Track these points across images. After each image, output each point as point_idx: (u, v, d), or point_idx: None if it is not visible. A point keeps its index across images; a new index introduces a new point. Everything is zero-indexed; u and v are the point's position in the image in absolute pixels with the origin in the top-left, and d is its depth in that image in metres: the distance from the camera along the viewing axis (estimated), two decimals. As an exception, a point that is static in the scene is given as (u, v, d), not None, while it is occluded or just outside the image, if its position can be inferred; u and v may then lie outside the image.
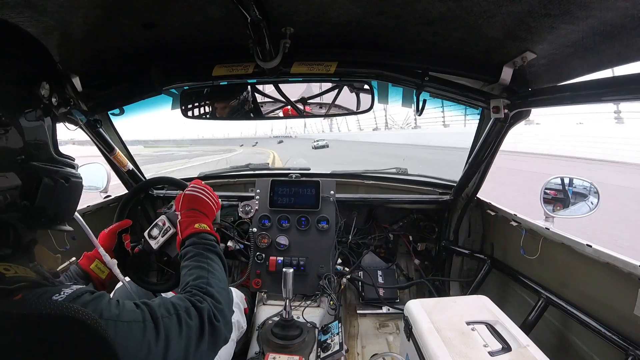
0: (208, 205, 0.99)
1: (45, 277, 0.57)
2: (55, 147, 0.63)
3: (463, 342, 0.99)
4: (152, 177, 1.43)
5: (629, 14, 0.70)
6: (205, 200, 0.99)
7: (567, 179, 1.45)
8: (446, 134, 18.82)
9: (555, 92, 1.04)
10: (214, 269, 0.79)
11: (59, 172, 0.61)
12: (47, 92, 0.60)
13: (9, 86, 0.54)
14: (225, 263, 0.86)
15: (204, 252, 0.83)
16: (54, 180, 0.59)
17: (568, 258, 1.27)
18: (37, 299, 0.49)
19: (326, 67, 1.17)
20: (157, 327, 0.57)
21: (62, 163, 0.64)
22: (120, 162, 1.68)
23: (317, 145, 18.07)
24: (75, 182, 0.65)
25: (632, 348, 0.99)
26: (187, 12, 0.88)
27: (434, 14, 0.86)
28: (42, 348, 0.44)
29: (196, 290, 0.71)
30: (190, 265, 0.79)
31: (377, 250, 2.09)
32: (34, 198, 0.55)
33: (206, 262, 0.80)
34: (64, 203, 0.63)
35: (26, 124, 0.55)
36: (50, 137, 0.61)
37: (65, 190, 0.62)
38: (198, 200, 0.98)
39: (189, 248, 0.84)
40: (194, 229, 0.89)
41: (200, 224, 0.90)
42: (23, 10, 0.75)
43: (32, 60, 0.60)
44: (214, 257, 0.83)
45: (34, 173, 0.56)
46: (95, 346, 0.48)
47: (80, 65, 1.14)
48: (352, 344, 1.74)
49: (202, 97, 1.45)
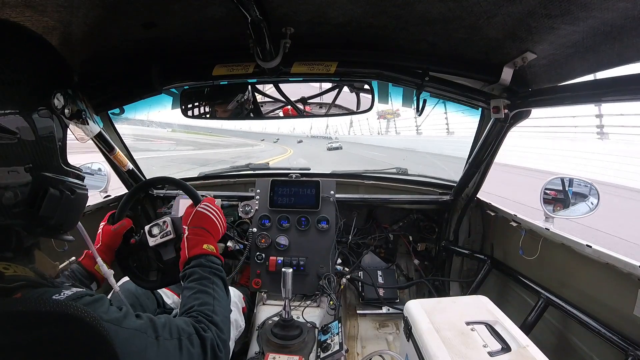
0: (217, 227, 0.98)
1: (45, 278, 0.57)
2: (63, 158, 0.63)
3: (462, 343, 0.99)
4: (162, 177, 1.37)
5: (630, 14, 0.70)
6: (215, 223, 0.98)
7: (567, 180, 1.45)
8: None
9: (555, 92, 1.04)
10: (219, 296, 0.79)
11: (65, 183, 0.61)
12: (61, 103, 0.60)
13: (22, 92, 0.54)
14: (228, 287, 0.87)
15: (210, 277, 0.82)
16: (60, 191, 0.59)
17: (568, 258, 1.27)
18: (37, 297, 0.49)
19: (326, 67, 1.17)
20: (158, 344, 0.58)
21: (70, 174, 0.63)
22: (120, 161, 1.68)
23: (331, 147, 19.12)
24: (80, 195, 0.65)
25: (632, 348, 0.99)
26: (187, 11, 0.88)
27: (434, 14, 0.86)
28: (43, 346, 0.44)
29: (202, 317, 0.72)
30: (195, 288, 0.78)
31: (377, 250, 2.09)
32: (39, 207, 0.55)
33: (212, 288, 0.79)
34: (68, 214, 0.63)
35: (36, 132, 0.55)
36: (60, 147, 0.61)
37: (71, 202, 0.62)
38: (209, 220, 0.96)
39: (196, 269, 0.83)
40: (202, 249, 0.87)
41: (208, 245, 0.89)
42: (23, 10, 0.75)
43: (47, 69, 0.60)
44: (219, 282, 0.83)
45: (41, 182, 0.56)
46: (96, 344, 0.48)
47: (81, 65, 1.14)
48: (352, 344, 1.74)
49: (202, 97, 1.45)
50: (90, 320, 0.47)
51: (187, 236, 0.91)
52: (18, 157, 0.52)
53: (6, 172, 0.51)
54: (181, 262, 0.89)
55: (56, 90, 0.59)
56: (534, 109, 1.19)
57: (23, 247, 0.58)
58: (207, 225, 0.95)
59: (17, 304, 0.46)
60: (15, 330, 0.43)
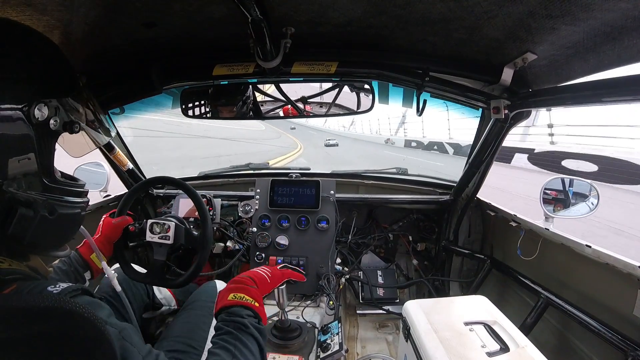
0: (265, 282, 0.87)
1: (38, 272, 0.58)
2: (48, 173, 0.57)
3: (461, 343, 0.99)
4: (162, 177, 1.30)
5: (630, 15, 0.70)
6: (265, 278, 0.87)
7: (567, 180, 1.45)
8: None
9: (555, 93, 1.04)
10: (241, 354, 0.66)
11: (44, 202, 0.56)
12: (43, 114, 0.54)
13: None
14: (264, 345, 0.72)
15: (233, 332, 0.70)
16: (35, 211, 0.54)
17: (568, 258, 1.27)
18: (30, 291, 0.49)
19: (327, 67, 1.17)
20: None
21: (55, 190, 0.58)
22: (120, 161, 1.68)
23: (328, 144, 20.52)
24: (64, 215, 0.60)
25: (632, 348, 0.99)
26: (187, 11, 0.88)
27: (435, 14, 0.86)
28: (43, 341, 0.43)
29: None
30: (217, 344, 0.68)
31: (376, 250, 2.09)
32: (7, 227, 0.51)
33: (234, 345, 0.67)
34: (45, 235, 0.58)
35: (10, 146, 0.50)
36: (42, 160, 0.55)
37: (48, 223, 0.56)
38: (257, 274, 0.86)
39: (219, 324, 0.73)
40: (227, 301, 0.75)
41: (237, 294, 0.76)
42: (24, 9, 0.75)
43: (32, 73, 0.54)
44: (246, 338, 0.69)
45: (13, 201, 0.51)
46: (96, 342, 0.48)
47: (81, 65, 1.14)
48: (351, 344, 1.74)
49: (202, 97, 1.45)
50: (87, 316, 0.47)
51: (221, 291, 0.81)
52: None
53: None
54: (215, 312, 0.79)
55: (37, 101, 0.53)
56: (534, 109, 1.19)
57: (16, 249, 0.57)
58: (253, 275, 0.86)
59: (11, 298, 0.46)
60: (10, 324, 0.42)
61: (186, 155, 12.53)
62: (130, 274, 1.08)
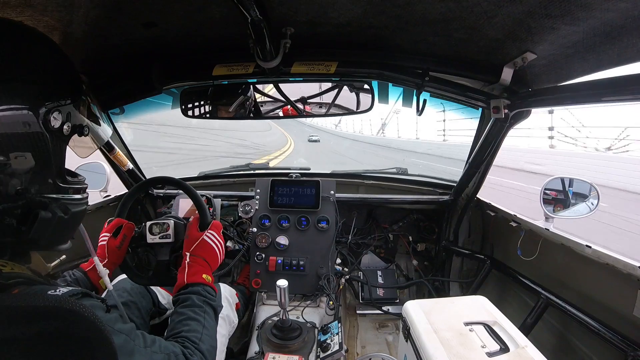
0: (217, 260, 1.00)
1: (40, 276, 0.58)
2: (60, 174, 0.60)
3: (461, 343, 0.99)
4: (163, 177, 1.33)
5: (630, 14, 0.70)
6: (217, 256, 1.00)
7: (567, 180, 1.45)
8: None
9: (555, 92, 1.04)
10: (209, 325, 0.81)
11: (59, 202, 0.59)
12: (59, 121, 0.56)
13: (13, 107, 0.50)
14: (218, 317, 0.90)
15: (203, 306, 0.84)
16: (52, 212, 0.57)
17: (568, 259, 1.27)
18: (34, 293, 0.50)
19: (326, 67, 1.17)
20: (147, 353, 0.60)
21: (68, 190, 0.61)
22: (120, 161, 1.68)
23: (311, 139, 23.10)
24: (75, 212, 0.63)
25: (632, 349, 0.99)
26: (187, 11, 0.88)
27: (435, 14, 0.86)
28: (43, 340, 0.44)
29: (188, 343, 0.74)
30: (186, 315, 0.80)
31: (376, 250, 2.09)
32: (28, 231, 0.53)
33: (203, 317, 0.82)
34: (60, 233, 0.62)
35: (30, 152, 0.53)
36: (56, 164, 0.58)
37: (63, 222, 0.60)
38: (212, 253, 0.98)
39: (191, 296, 0.84)
40: (202, 279, 0.89)
41: (207, 276, 0.91)
42: (24, 10, 0.75)
43: (46, 81, 0.56)
44: (210, 312, 0.85)
45: (31, 205, 0.54)
46: (96, 341, 0.48)
47: (81, 65, 1.14)
48: (351, 344, 1.74)
49: (202, 97, 1.45)
50: (88, 316, 0.47)
51: (188, 262, 0.92)
52: (7, 180, 0.50)
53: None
54: (177, 285, 0.89)
55: (54, 107, 0.56)
56: (534, 109, 1.19)
57: (19, 250, 0.58)
58: (209, 257, 0.97)
59: (15, 299, 0.46)
60: (13, 325, 0.43)
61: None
62: (137, 280, 1.09)
